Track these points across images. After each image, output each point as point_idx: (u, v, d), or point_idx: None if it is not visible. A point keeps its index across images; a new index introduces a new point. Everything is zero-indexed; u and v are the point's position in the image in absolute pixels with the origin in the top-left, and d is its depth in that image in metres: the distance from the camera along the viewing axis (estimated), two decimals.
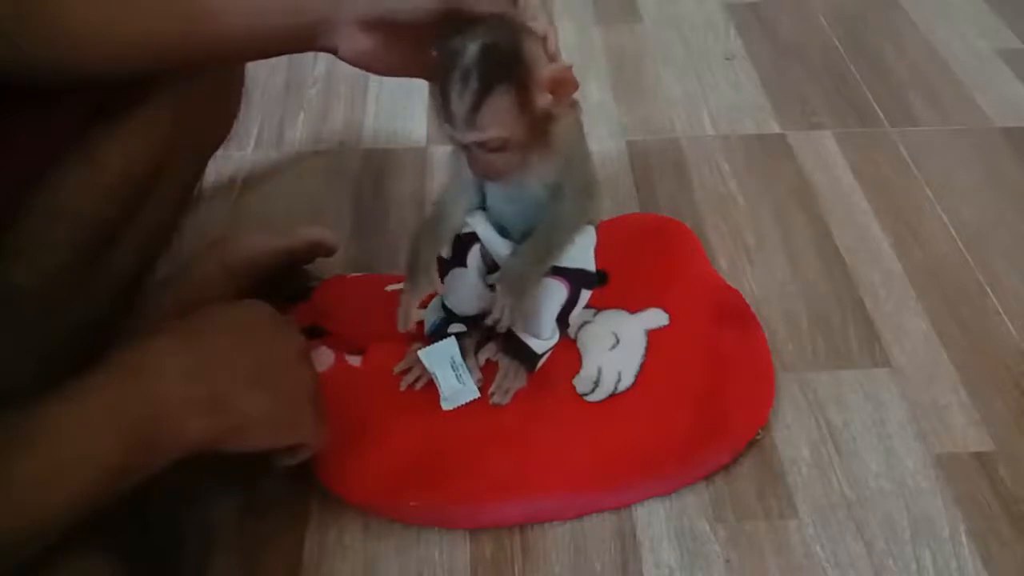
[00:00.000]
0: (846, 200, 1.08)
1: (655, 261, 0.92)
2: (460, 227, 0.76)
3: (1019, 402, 0.85)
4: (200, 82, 0.71)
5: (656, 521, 0.75)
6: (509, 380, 0.79)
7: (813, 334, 0.91)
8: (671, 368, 0.82)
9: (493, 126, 0.62)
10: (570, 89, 0.64)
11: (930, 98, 1.26)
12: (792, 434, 0.82)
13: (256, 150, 1.18)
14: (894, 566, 0.72)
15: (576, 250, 0.75)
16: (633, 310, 0.86)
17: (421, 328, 0.82)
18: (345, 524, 0.75)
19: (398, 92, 1.26)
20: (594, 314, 0.86)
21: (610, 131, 1.20)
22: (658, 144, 1.18)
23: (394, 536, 0.74)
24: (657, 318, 0.86)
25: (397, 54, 0.66)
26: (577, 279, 0.77)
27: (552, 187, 0.71)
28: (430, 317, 0.81)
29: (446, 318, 0.80)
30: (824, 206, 1.07)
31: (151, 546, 0.71)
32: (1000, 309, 0.94)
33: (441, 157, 1.14)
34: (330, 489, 0.75)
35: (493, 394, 0.79)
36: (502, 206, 0.75)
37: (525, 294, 0.72)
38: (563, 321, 0.78)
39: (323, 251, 0.96)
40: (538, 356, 0.79)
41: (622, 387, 0.80)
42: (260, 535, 0.74)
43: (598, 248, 0.78)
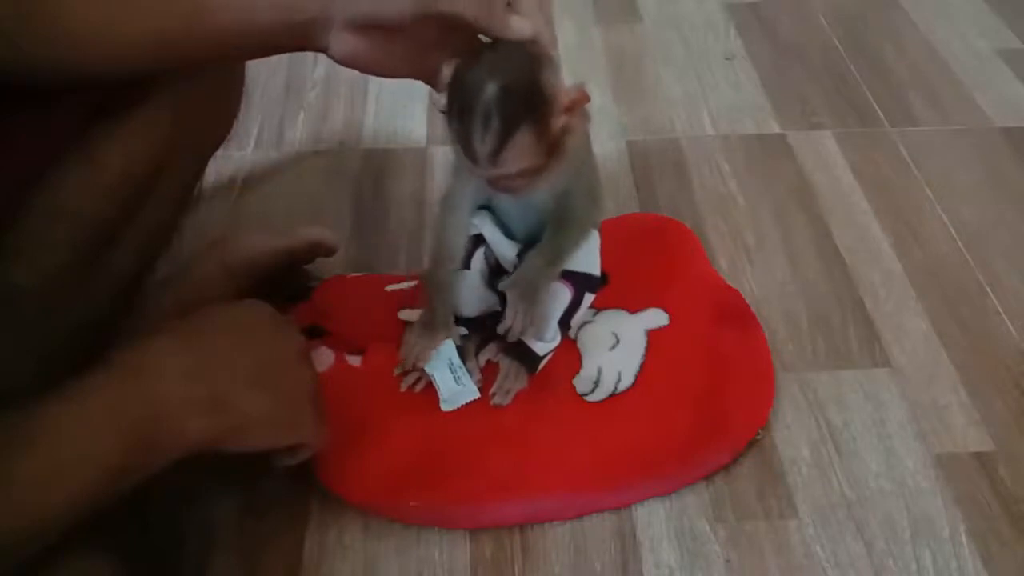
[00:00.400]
0: (846, 200, 1.08)
1: (655, 261, 0.92)
2: (463, 253, 0.76)
3: (1019, 402, 0.85)
4: (200, 82, 0.71)
5: (656, 521, 0.75)
6: (510, 381, 0.79)
7: (813, 334, 0.91)
8: (671, 368, 0.82)
9: (516, 162, 0.63)
10: (583, 104, 0.64)
11: (930, 98, 1.26)
12: (792, 434, 0.82)
13: (256, 150, 1.18)
14: (894, 566, 0.72)
15: (581, 254, 0.75)
16: (633, 310, 0.86)
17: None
18: (345, 524, 0.75)
19: (398, 92, 1.26)
20: (594, 314, 0.86)
21: (610, 131, 1.19)
22: (658, 144, 1.18)
23: (394, 536, 0.74)
24: (657, 318, 0.86)
25: (388, 55, 0.66)
26: (581, 283, 0.77)
27: (560, 193, 0.71)
28: None
29: None
30: (824, 206, 1.07)
31: (151, 546, 0.72)
32: (1000, 309, 0.94)
33: (441, 157, 1.14)
34: (330, 489, 0.75)
35: (494, 395, 0.79)
36: (507, 209, 0.75)
37: (537, 300, 0.72)
38: (565, 324, 0.78)
39: (323, 251, 0.96)
40: (540, 358, 0.79)
41: (622, 387, 0.80)
42: (260, 535, 0.74)
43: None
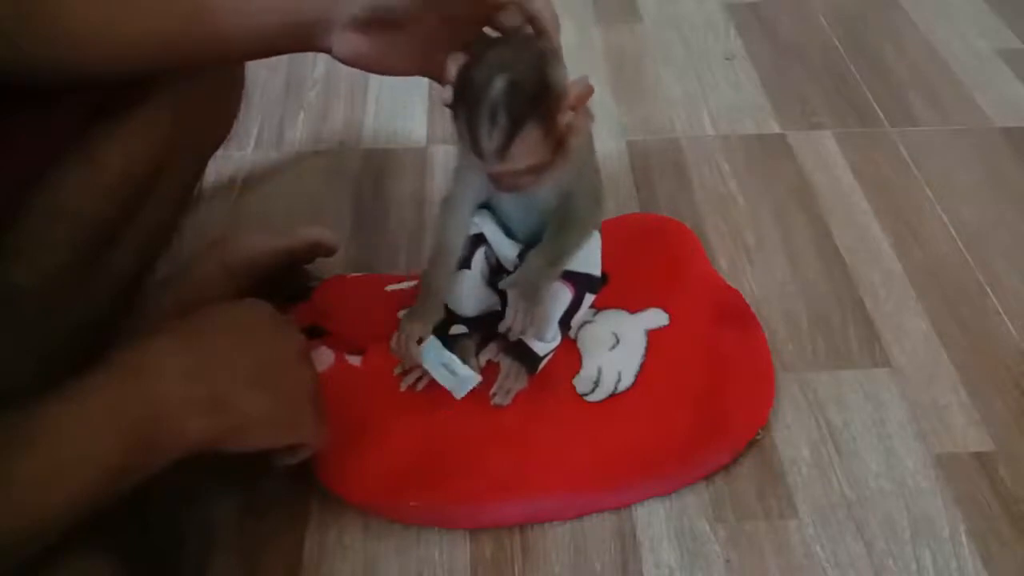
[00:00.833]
0: (846, 200, 1.08)
1: (655, 261, 0.92)
2: (462, 250, 0.76)
3: (1019, 402, 0.85)
4: (200, 82, 0.71)
5: (656, 521, 0.75)
6: (510, 381, 0.79)
7: (813, 334, 0.91)
8: (671, 368, 0.82)
9: (523, 158, 0.63)
10: (588, 98, 0.64)
11: (930, 98, 1.26)
12: (792, 434, 0.82)
13: (256, 150, 1.18)
14: (894, 566, 0.72)
15: (582, 254, 0.75)
16: (633, 310, 0.86)
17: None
18: (345, 524, 0.75)
19: (398, 92, 1.26)
20: (594, 314, 0.86)
21: (610, 131, 1.19)
22: (658, 144, 1.18)
23: (394, 536, 0.74)
24: (657, 318, 0.86)
25: (392, 53, 0.66)
26: (582, 283, 0.77)
27: (563, 192, 0.71)
28: None
29: (448, 319, 0.80)
30: (824, 206, 1.07)
31: (151, 546, 0.71)
32: (1000, 309, 0.94)
33: (441, 157, 1.14)
34: (330, 489, 0.75)
35: (494, 395, 0.79)
36: (509, 209, 0.75)
37: (538, 300, 0.72)
38: (565, 324, 0.78)
39: (323, 251, 0.96)
40: (540, 358, 0.79)
41: (622, 387, 0.80)
42: (260, 535, 0.74)
43: None
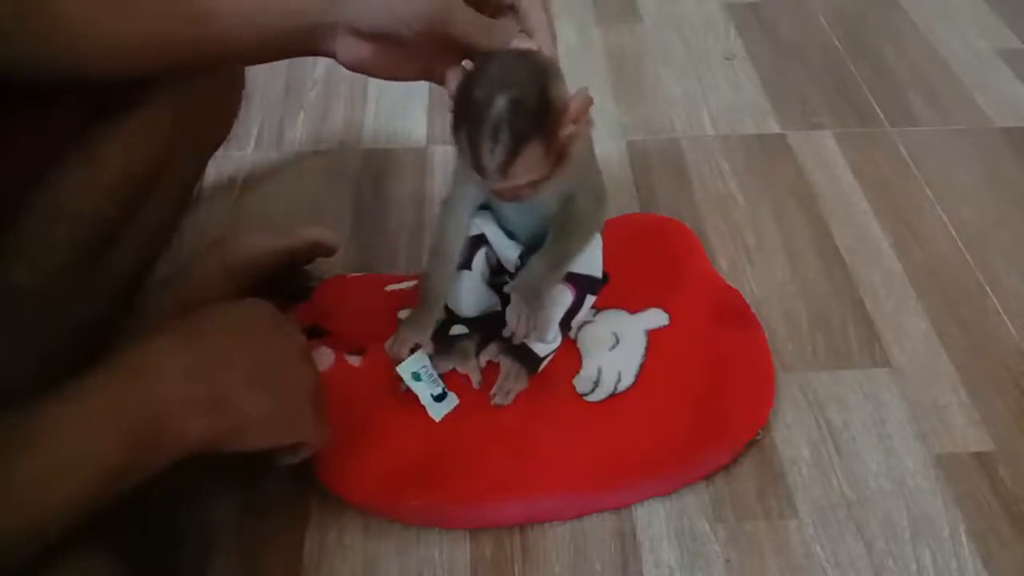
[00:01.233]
0: (846, 200, 1.08)
1: (655, 261, 0.92)
2: (462, 253, 0.76)
3: (1019, 402, 0.85)
4: (200, 82, 0.71)
5: (656, 521, 0.75)
6: (511, 382, 0.79)
7: (813, 334, 0.91)
8: (671, 368, 0.82)
9: (525, 174, 0.63)
10: (588, 110, 0.64)
11: (930, 98, 1.26)
12: (792, 434, 0.82)
13: (256, 150, 1.18)
14: (894, 566, 0.72)
15: (584, 256, 0.75)
16: (633, 310, 0.86)
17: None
18: (345, 524, 0.75)
19: (398, 92, 1.26)
20: (594, 314, 0.86)
21: (610, 131, 1.19)
22: (658, 144, 1.18)
23: (394, 536, 0.74)
24: (657, 318, 0.86)
25: (395, 60, 0.66)
26: (583, 284, 0.77)
27: (564, 196, 0.71)
28: None
29: (448, 319, 0.80)
30: (824, 206, 1.07)
31: (151, 546, 0.71)
32: (1000, 309, 0.94)
33: (441, 157, 1.14)
34: (330, 489, 0.74)
35: (494, 395, 0.79)
36: (509, 212, 0.75)
37: (541, 304, 0.72)
38: (565, 324, 0.78)
39: (323, 251, 0.96)
40: (540, 359, 0.79)
41: (622, 387, 0.80)
42: (260, 535, 0.74)
43: None
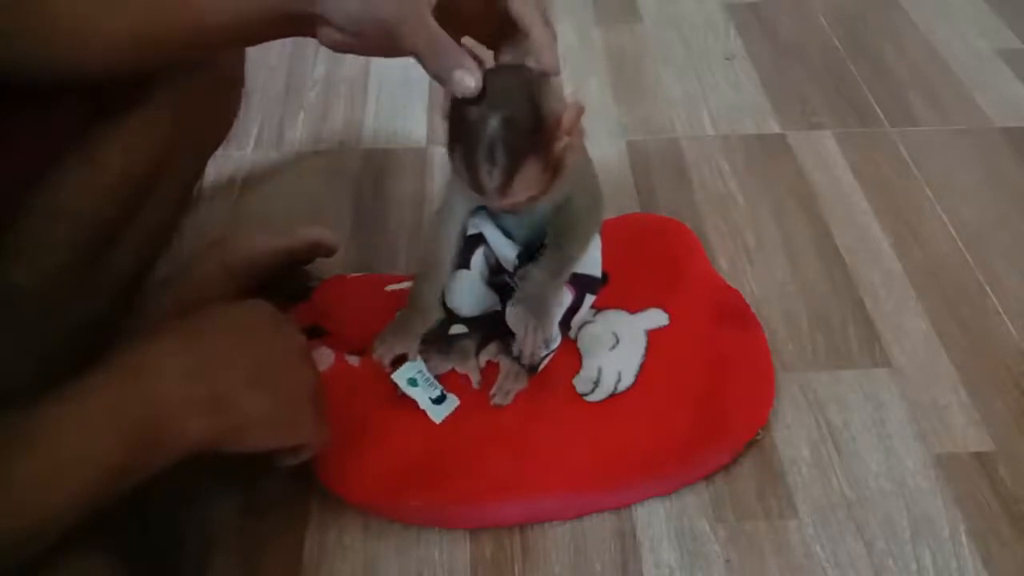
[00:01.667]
0: (846, 200, 1.08)
1: (655, 261, 0.92)
2: (454, 263, 0.76)
3: (1019, 402, 0.85)
4: (200, 81, 0.71)
5: (656, 521, 0.75)
6: (510, 382, 0.79)
7: (813, 334, 0.91)
8: (671, 368, 0.82)
9: (523, 191, 0.63)
10: (580, 120, 0.64)
11: (930, 98, 1.26)
12: (792, 434, 0.82)
13: (256, 150, 1.18)
14: (894, 566, 0.72)
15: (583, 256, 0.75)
16: (633, 310, 0.86)
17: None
18: (345, 524, 0.75)
19: (398, 92, 1.26)
20: (594, 314, 0.86)
21: (610, 131, 1.19)
22: (658, 144, 1.18)
23: (394, 536, 0.74)
24: (657, 318, 0.86)
25: (375, 45, 0.65)
26: (583, 284, 0.77)
27: (561, 202, 0.71)
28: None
29: (447, 319, 0.80)
30: (824, 206, 1.07)
31: (151, 546, 0.72)
32: (1000, 309, 0.94)
33: (441, 157, 1.14)
34: (330, 489, 0.75)
35: (494, 395, 0.79)
36: (506, 218, 0.75)
37: (546, 314, 0.72)
38: (565, 324, 0.78)
39: (323, 251, 0.96)
40: (540, 359, 0.79)
41: (622, 387, 0.80)
42: (260, 535, 0.74)
43: None
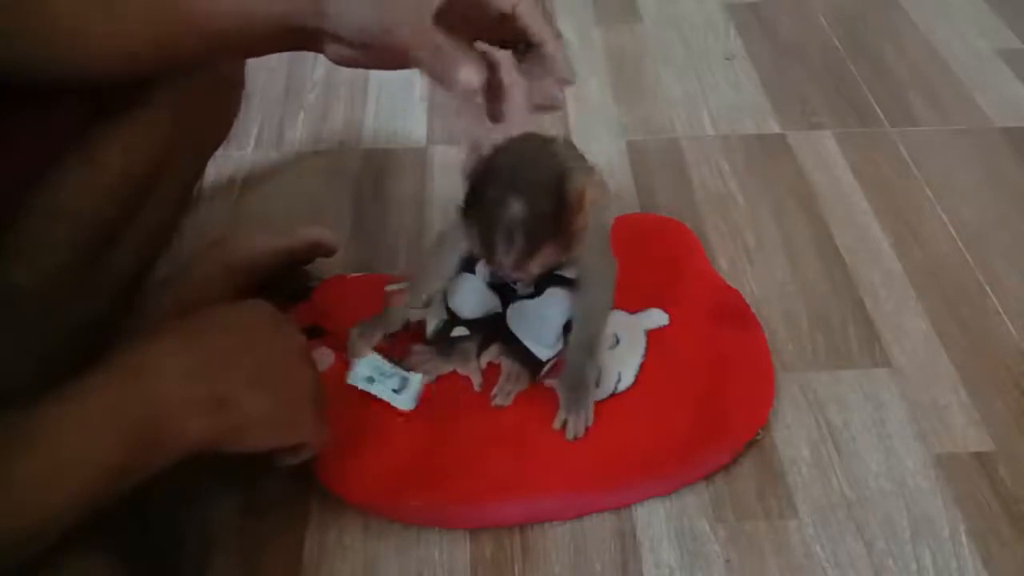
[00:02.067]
0: (846, 200, 1.08)
1: (655, 261, 0.92)
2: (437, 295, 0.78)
3: (1019, 402, 0.85)
4: (200, 82, 0.71)
5: (656, 521, 0.75)
6: (511, 383, 0.79)
7: (813, 334, 0.91)
8: (671, 368, 0.82)
9: (538, 268, 0.63)
10: (602, 192, 0.65)
11: (930, 98, 1.26)
12: (792, 434, 0.82)
13: (256, 150, 1.18)
14: (894, 566, 0.72)
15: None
16: (633, 310, 0.86)
17: (422, 329, 0.82)
18: (345, 524, 0.75)
19: (398, 92, 1.26)
20: None
21: (610, 131, 1.20)
22: (658, 144, 1.18)
23: (394, 536, 0.74)
24: (657, 318, 0.86)
25: (382, 59, 0.65)
26: None
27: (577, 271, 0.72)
28: (432, 321, 0.81)
29: (449, 321, 0.80)
30: (824, 206, 1.07)
31: (151, 546, 0.71)
32: (1000, 309, 0.94)
33: (441, 157, 1.14)
34: (330, 489, 0.74)
35: (495, 396, 0.79)
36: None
37: (587, 388, 0.75)
38: (569, 330, 0.78)
39: (323, 251, 0.96)
40: (542, 363, 0.79)
41: (622, 387, 0.80)
42: (260, 535, 0.74)
43: None
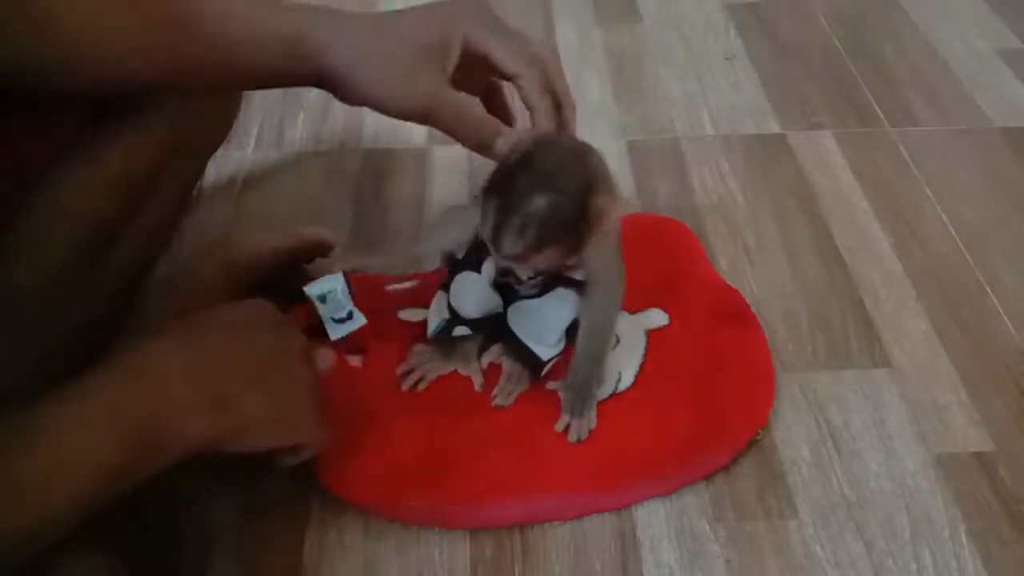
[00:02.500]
0: (846, 200, 1.08)
1: (655, 261, 0.92)
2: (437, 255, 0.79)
3: (1019, 402, 0.85)
4: None
5: (656, 521, 0.75)
6: (512, 383, 0.79)
7: (813, 334, 0.91)
8: (671, 368, 0.82)
9: (538, 265, 0.63)
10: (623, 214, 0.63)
11: (930, 98, 1.26)
12: (792, 434, 0.82)
13: (256, 150, 1.18)
14: (894, 566, 0.72)
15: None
16: (633, 310, 0.86)
17: (423, 328, 0.82)
18: (345, 524, 0.75)
19: None
20: None
21: (610, 131, 1.19)
22: (658, 144, 1.18)
23: (394, 536, 0.74)
24: (657, 318, 0.86)
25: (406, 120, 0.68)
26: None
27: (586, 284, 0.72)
28: (434, 319, 0.81)
29: (451, 320, 0.80)
30: (824, 206, 1.07)
31: (151, 546, 0.71)
32: (1000, 309, 0.94)
33: (442, 159, 1.14)
34: (330, 489, 0.74)
35: (496, 396, 0.79)
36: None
37: (591, 395, 0.75)
38: (571, 332, 0.78)
39: (323, 251, 0.96)
40: (543, 363, 0.79)
41: (622, 387, 0.80)
42: (260, 535, 0.74)
43: None
